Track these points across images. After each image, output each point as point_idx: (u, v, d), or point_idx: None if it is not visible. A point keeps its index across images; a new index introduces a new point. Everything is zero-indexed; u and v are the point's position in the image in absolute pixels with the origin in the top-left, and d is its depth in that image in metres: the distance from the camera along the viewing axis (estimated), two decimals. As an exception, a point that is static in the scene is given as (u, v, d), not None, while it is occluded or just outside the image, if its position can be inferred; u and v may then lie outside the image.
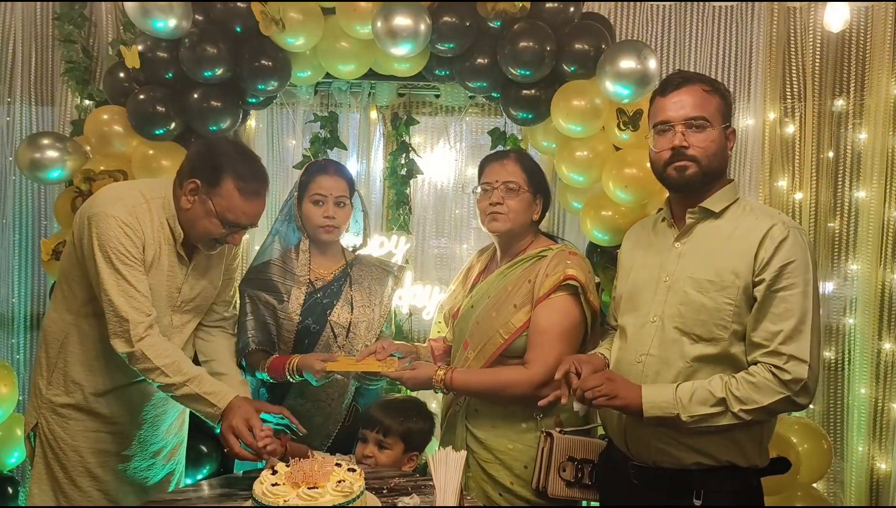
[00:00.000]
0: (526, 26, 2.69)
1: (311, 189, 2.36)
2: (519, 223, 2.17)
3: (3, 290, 3.39)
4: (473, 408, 2.15)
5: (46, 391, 2.07)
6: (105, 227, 1.92)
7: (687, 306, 1.77)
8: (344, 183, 2.38)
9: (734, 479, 1.78)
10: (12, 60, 3.34)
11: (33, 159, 2.77)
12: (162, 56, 2.75)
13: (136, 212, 1.98)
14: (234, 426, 1.85)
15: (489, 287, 2.19)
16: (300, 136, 3.47)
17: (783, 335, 1.67)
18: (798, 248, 1.71)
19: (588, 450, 2.05)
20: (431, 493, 1.74)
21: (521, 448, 2.08)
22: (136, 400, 2.13)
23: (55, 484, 2.06)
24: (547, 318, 2.07)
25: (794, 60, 3.30)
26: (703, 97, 1.79)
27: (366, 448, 2.12)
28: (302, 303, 2.35)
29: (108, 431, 2.09)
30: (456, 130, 3.52)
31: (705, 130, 1.78)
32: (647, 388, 1.75)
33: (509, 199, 2.15)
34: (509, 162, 2.20)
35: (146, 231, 1.99)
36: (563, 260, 2.11)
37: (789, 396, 1.67)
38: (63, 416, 2.06)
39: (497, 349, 2.10)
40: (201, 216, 2.00)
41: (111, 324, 1.93)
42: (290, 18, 2.69)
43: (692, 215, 1.83)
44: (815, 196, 3.33)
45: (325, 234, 2.36)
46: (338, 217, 2.35)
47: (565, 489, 2.02)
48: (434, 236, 3.58)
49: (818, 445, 2.96)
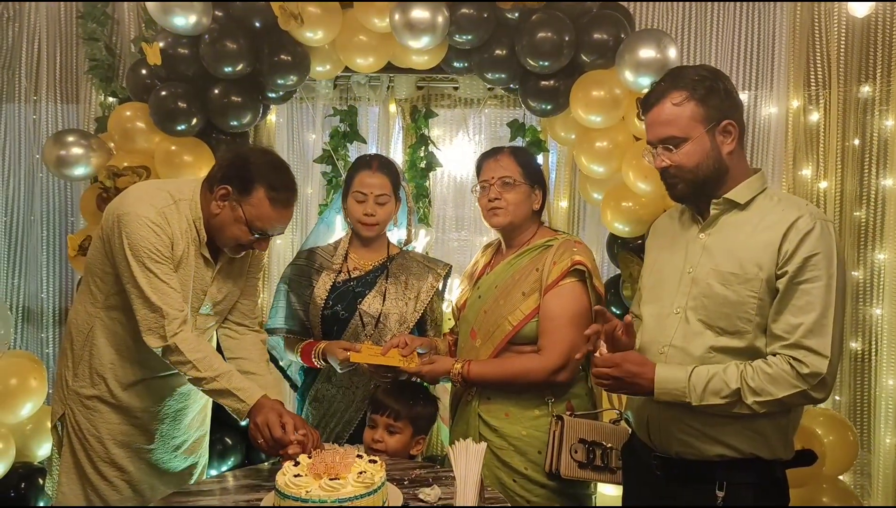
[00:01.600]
0: (544, 17, 2.68)
1: (354, 185, 2.38)
2: (519, 215, 2.21)
3: (32, 285, 3.46)
4: (486, 396, 2.17)
5: (73, 383, 2.11)
6: (135, 227, 1.95)
7: (710, 298, 1.75)
8: (386, 180, 2.36)
9: (758, 471, 1.76)
10: (38, 59, 3.40)
11: (59, 157, 2.83)
12: (183, 53, 2.78)
13: (164, 212, 2.00)
14: (266, 420, 1.88)
15: (496, 277, 2.22)
16: (320, 130, 3.49)
17: (804, 328, 1.65)
18: (824, 240, 1.67)
19: (598, 433, 2.08)
20: (452, 484, 1.75)
21: (535, 434, 2.11)
22: (159, 394, 2.16)
23: (81, 473, 2.10)
24: (558, 304, 2.10)
25: (818, 47, 3.24)
26: (672, 113, 1.75)
27: (375, 432, 2.15)
28: (329, 289, 2.39)
29: (130, 423, 2.12)
30: (475, 123, 3.51)
31: (680, 146, 1.76)
32: (661, 369, 1.73)
33: (506, 193, 2.19)
34: (503, 157, 2.24)
35: (175, 232, 2.01)
36: (570, 248, 2.15)
37: (806, 390, 1.65)
38: (89, 408, 2.10)
39: (505, 337, 2.13)
40: (230, 222, 2.02)
41: (144, 320, 1.95)
42: (308, 13, 2.70)
43: (716, 206, 1.81)
44: (840, 185, 3.28)
45: (365, 229, 2.38)
46: (378, 214, 2.36)
47: (577, 469, 2.05)
48: (454, 229, 3.58)
49: (844, 436, 2.93)
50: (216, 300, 2.16)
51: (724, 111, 1.76)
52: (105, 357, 2.09)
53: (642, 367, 1.75)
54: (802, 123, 3.29)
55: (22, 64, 3.38)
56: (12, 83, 3.40)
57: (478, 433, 2.14)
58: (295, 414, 1.99)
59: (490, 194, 2.21)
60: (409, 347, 2.21)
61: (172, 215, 2.02)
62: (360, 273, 2.42)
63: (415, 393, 2.22)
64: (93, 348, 2.10)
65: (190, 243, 2.06)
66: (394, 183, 2.39)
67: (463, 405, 2.23)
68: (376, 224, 2.38)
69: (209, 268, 2.12)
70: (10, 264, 3.45)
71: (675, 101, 1.75)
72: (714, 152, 1.76)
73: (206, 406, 2.31)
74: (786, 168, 3.29)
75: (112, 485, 2.10)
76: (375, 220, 2.36)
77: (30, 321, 3.47)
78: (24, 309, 3.46)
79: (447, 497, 1.77)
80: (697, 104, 1.75)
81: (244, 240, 2.04)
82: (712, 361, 1.74)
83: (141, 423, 2.14)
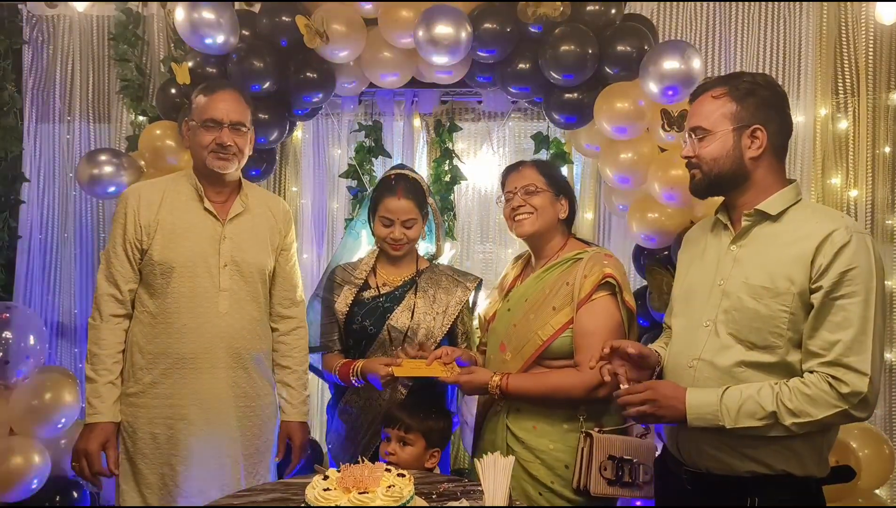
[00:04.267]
0: (567, 30, 2.68)
1: (380, 210, 2.39)
2: (544, 221, 2.21)
3: (66, 302, 3.52)
4: (515, 408, 2.16)
5: (123, 387, 2.22)
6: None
7: (741, 312, 1.72)
8: (412, 205, 2.37)
9: (791, 488, 1.73)
10: (71, 80, 3.49)
11: (92, 175, 2.89)
12: (211, 72, 2.84)
13: (138, 188, 2.30)
14: (86, 449, 2.14)
15: (526, 290, 2.22)
16: (345, 145, 3.53)
17: (842, 344, 1.61)
18: (862, 254, 1.64)
19: (627, 449, 2.05)
20: (480, 498, 1.74)
21: (563, 448, 2.09)
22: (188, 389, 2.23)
23: (139, 478, 2.20)
24: (592, 320, 2.09)
25: (845, 55, 3.21)
26: (708, 105, 1.80)
27: (388, 445, 2.17)
28: (350, 303, 2.41)
29: (168, 416, 2.21)
30: (499, 136, 3.53)
31: (704, 138, 1.80)
32: (692, 393, 1.71)
33: (530, 199, 2.20)
34: (525, 169, 2.26)
35: (154, 197, 2.24)
36: (600, 261, 2.14)
37: (847, 409, 1.61)
38: (136, 405, 2.21)
39: (536, 351, 2.12)
40: (194, 138, 2.24)
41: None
42: (333, 31, 2.74)
43: (748, 218, 1.79)
44: (871, 193, 3.23)
45: (392, 250, 2.41)
46: (406, 236, 2.38)
47: (607, 487, 2.02)
48: (479, 242, 3.59)
49: (880, 450, 2.87)
50: (232, 258, 2.24)
51: (759, 117, 1.77)
52: (139, 350, 2.22)
53: (675, 390, 1.73)
54: (831, 131, 3.25)
55: (56, 85, 3.47)
56: (47, 104, 3.49)
57: (505, 444, 2.14)
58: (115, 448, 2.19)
59: (514, 203, 2.22)
60: (450, 356, 2.23)
61: (156, 185, 2.30)
62: (389, 289, 2.43)
63: (428, 407, 2.23)
64: (132, 344, 2.24)
65: (190, 201, 2.25)
66: (419, 204, 2.40)
67: (491, 416, 2.23)
68: (405, 245, 2.39)
69: (218, 223, 2.25)
70: (44, 281, 3.52)
71: (714, 94, 1.80)
72: (735, 153, 1.77)
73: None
74: (815, 177, 3.25)
75: (166, 487, 2.20)
76: (403, 242, 2.38)
77: (63, 336, 3.54)
78: (58, 325, 3.53)
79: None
80: (733, 102, 1.78)
81: (206, 141, 2.20)
82: (741, 376, 1.71)
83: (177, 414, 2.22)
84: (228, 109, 2.21)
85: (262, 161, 3.03)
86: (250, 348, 2.28)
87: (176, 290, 2.19)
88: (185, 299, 2.19)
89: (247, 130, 2.26)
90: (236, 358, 2.24)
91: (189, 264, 2.20)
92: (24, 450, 2.86)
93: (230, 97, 2.23)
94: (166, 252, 2.19)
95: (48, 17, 3.47)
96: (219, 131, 2.20)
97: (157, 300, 2.20)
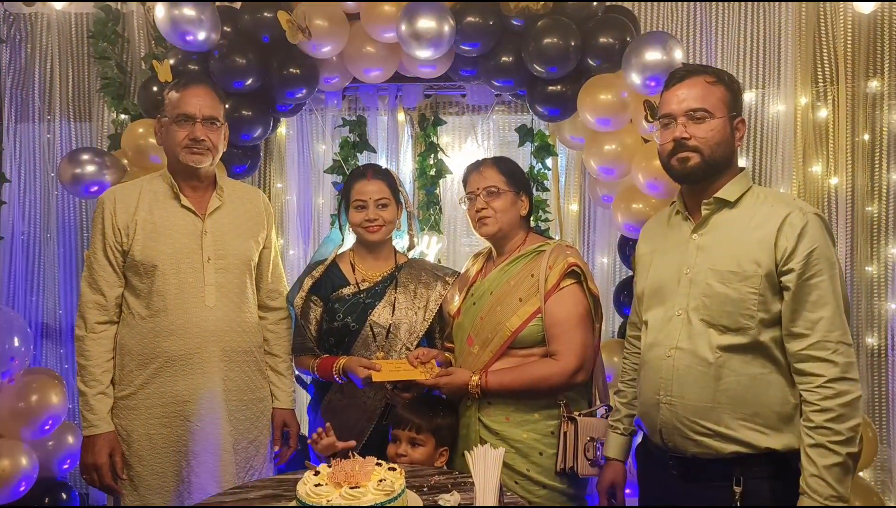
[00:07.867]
0: (549, 23, 2.69)
1: (352, 196, 2.41)
2: (506, 222, 2.27)
3: (50, 302, 3.50)
4: (486, 401, 2.18)
5: (114, 392, 2.22)
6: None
7: (711, 297, 1.78)
8: (384, 185, 2.41)
9: (775, 464, 1.77)
10: (50, 79, 3.45)
11: (74, 175, 2.86)
12: (193, 69, 2.82)
13: (120, 187, 2.30)
14: (95, 462, 2.16)
15: (490, 284, 2.26)
16: (330, 140, 3.52)
17: (825, 320, 1.69)
18: (818, 233, 1.72)
19: (599, 429, 2.16)
20: (471, 490, 1.76)
21: (535, 436, 2.15)
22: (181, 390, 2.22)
23: (137, 480, 2.21)
24: (563, 308, 2.15)
25: (824, 44, 3.24)
26: (705, 89, 1.81)
27: (399, 447, 2.16)
28: (305, 296, 2.42)
29: (163, 415, 2.21)
30: (483, 129, 3.53)
31: (706, 120, 1.80)
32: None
33: (492, 202, 2.25)
34: (486, 169, 2.31)
35: (130, 198, 2.22)
36: (563, 251, 2.22)
37: (847, 377, 1.68)
38: (130, 408, 2.20)
39: (505, 342, 2.17)
40: (167, 136, 2.23)
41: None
42: (315, 26, 2.73)
43: (707, 207, 1.84)
44: (851, 180, 3.27)
45: (370, 234, 2.40)
46: (382, 216, 2.39)
47: (590, 468, 2.13)
48: (465, 235, 3.60)
49: (864, 433, 2.88)
50: (216, 252, 2.24)
51: (739, 109, 1.85)
52: (128, 353, 2.21)
53: None
54: (811, 119, 3.28)
55: (35, 84, 3.44)
56: (26, 103, 3.45)
57: (478, 437, 2.16)
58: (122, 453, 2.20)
59: (477, 205, 2.27)
60: (427, 356, 2.25)
61: (124, 189, 2.28)
62: (368, 285, 2.43)
63: (434, 405, 2.23)
64: (121, 347, 2.23)
65: (165, 199, 2.25)
66: (391, 188, 2.42)
67: (463, 410, 2.24)
68: (381, 226, 2.39)
69: (198, 218, 2.24)
70: (27, 282, 3.49)
71: (708, 80, 1.83)
72: (730, 140, 1.83)
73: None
74: (796, 165, 3.28)
75: (164, 487, 2.21)
76: (380, 223, 2.38)
77: (48, 337, 3.51)
78: (42, 325, 3.51)
79: (467, 502, 1.78)
80: (726, 91, 1.83)
81: (179, 137, 2.19)
82: (719, 360, 1.75)
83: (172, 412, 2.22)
84: (201, 104, 2.20)
85: (247, 158, 3.02)
86: (240, 340, 2.28)
87: (161, 288, 2.18)
88: (172, 297, 2.19)
89: (220, 126, 2.25)
90: (227, 352, 2.24)
91: (172, 262, 2.19)
92: (12, 453, 2.83)
93: (203, 92, 2.22)
94: (147, 251, 2.18)
95: (25, 16, 3.43)
96: (192, 126, 2.19)
97: (144, 301, 2.20)
